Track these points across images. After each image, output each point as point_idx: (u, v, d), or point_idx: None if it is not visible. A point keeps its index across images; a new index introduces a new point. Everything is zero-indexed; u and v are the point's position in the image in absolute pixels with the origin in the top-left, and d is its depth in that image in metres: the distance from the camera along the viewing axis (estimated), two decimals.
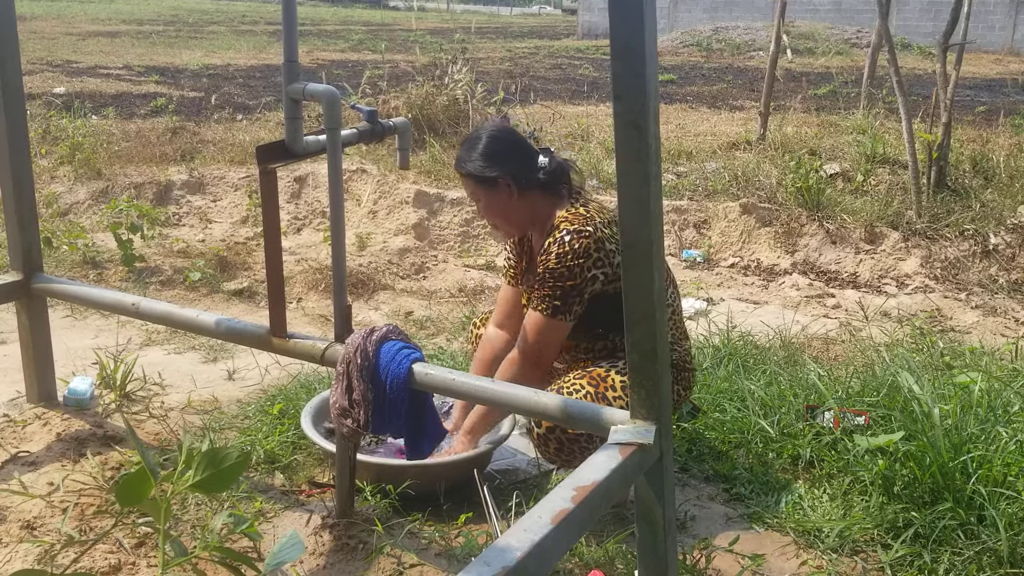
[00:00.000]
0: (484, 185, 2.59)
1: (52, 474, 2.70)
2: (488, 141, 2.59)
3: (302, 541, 1.57)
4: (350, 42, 19.03)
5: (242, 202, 6.14)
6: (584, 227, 2.48)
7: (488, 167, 2.56)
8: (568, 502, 1.63)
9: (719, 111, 9.62)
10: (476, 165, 2.57)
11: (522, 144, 2.66)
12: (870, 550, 2.42)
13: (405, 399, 2.26)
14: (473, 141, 2.62)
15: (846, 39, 18.54)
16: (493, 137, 2.60)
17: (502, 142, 2.60)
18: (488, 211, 2.65)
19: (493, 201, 2.61)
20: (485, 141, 2.59)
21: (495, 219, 2.68)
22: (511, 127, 2.78)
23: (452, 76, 7.30)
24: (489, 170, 2.56)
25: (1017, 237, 5.27)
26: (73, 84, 10.30)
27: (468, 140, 2.65)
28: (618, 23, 1.57)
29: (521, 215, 2.64)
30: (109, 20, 23.54)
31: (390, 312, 4.51)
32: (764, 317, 4.42)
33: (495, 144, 2.59)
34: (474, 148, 2.59)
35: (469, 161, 2.59)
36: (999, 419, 2.68)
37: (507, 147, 2.60)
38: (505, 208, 2.62)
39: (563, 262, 2.46)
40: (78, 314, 4.23)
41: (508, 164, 2.57)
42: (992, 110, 8.86)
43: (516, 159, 2.59)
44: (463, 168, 2.61)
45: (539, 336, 2.52)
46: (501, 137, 2.62)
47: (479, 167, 2.57)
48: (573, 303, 2.48)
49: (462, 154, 2.62)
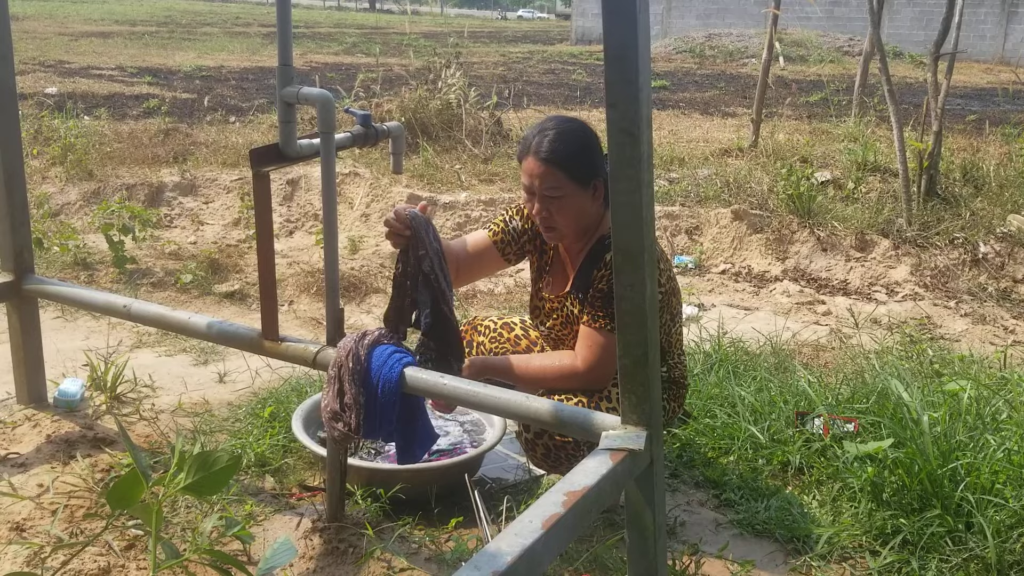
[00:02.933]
0: (577, 182, 2.41)
1: (42, 476, 2.70)
2: (586, 137, 2.40)
3: (294, 545, 1.57)
4: (344, 45, 19.04)
5: (234, 204, 6.13)
6: None
7: (588, 165, 2.40)
8: (559, 507, 1.63)
9: (711, 117, 9.65)
10: (576, 159, 2.38)
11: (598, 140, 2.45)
12: (859, 557, 2.43)
13: (397, 403, 2.26)
14: (564, 134, 2.39)
15: (838, 47, 18.65)
16: (589, 134, 2.41)
17: (597, 141, 2.40)
18: (562, 209, 2.43)
19: (575, 201, 2.42)
20: (583, 136, 2.40)
21: (565, 219, 2.45)
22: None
23: (445, 80, 7.32)
24: (589, 168, 2.40)
25: (1006, 246, 5.30)
26: (65, 84, 10.28)
27: (551, 130, 2.40)
28: (612, 31, 1.58)
29: (591, 222, 2.49)
30: (102, 21, 23.49)
31: (382, 315, 4.50)
32: (755, 323, 4.44)
33: (594, 142, 2.41)
34: (568, 141, 2.37)
35: (567, 155, 2.37)
36: (987, 427, 2.69)
37: (600, 150, 2.42)
38: (581, 211, 2.45)
39: None
40: (69, 315, 4.22)
41: (604, 167, 2.37)
42: (983, 119, 8.91)
43: (605, 164, 2.36)
44: (558, 158, 2.37)
45: (605, 354, 2.39)
46: (595, 137, 2.42)
47: (580, 163, 2.39)
48: None
49: (552, 145, 2.37)
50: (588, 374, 2.44)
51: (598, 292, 2.43)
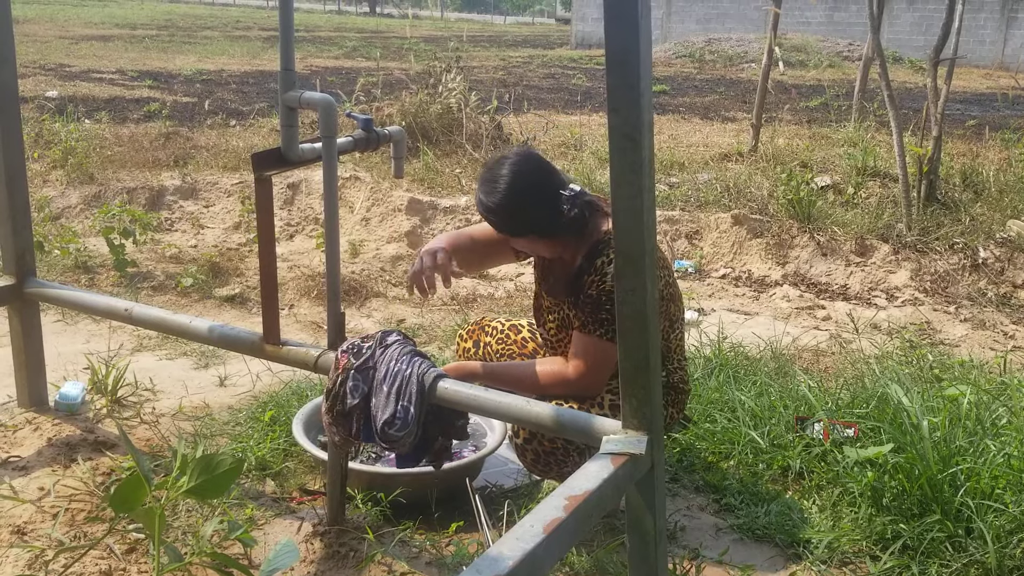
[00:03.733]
0: (514, 235, 2.49)
1: (43, 479, 2.70)
2: (507, 191, 2.37)
3: (297, 548, 1.57)
4: (344, 49, 19.06)
5: (235, 208, 6.13)
6: None
7: (510, 224, 2.44)
8: (560, 511, 1.64)
9: (711, 122, 9.67)
10: (499, 216, 2.42)
11: (546, 187, 2.42)
12: (859, 562, 2.43)
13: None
14: (492, 183, 2.40)
15: (838, 52, 18.68)
16: (513, 186, 2.38)
17: (523, 193, 2.39)
18: (525, 247, 2.57)
19: (518, 242, 2.54)
20: (504, 191, 2.37)
21: (534, 251, 2.58)
22: (535, 158, 2.49)
23: (446, 84, 7.32)
24: (510, 226, 2.45)
25: (1006, 251, 5.31)
26: (66, 88, 10.29)
27: (488, 178, 2.42)
28: (614, 36, 1.59)
29: (551, 250, 2.52)
30: (102, 24, 23.51)
31: (382, 319, 4.51)
32: (755, 328, 4.44)
33: (516, 197, 2.38)
34: (493, 192, 2.39)
35: (490, 212, 2.42)
36: (987, 432, 2.69)
37: (529, 198, 2.39)
38: (532, 247, 2.54)
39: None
40: (69, 319, 4.22)
41: (530, 219, 2.41)
42: (982, 124, 8.93)
43: (540, 210, 2.39)
44: (488, 213, 2.44)
45: (595, 361, 2.40)
46: (522, 185, 2.39)
47: (501, 221, 2.44)
48: None
49: (482, 197, 2.42)
50: (579, 381, 2.43)
51: (588, 298, 2.41)
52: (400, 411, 2.17)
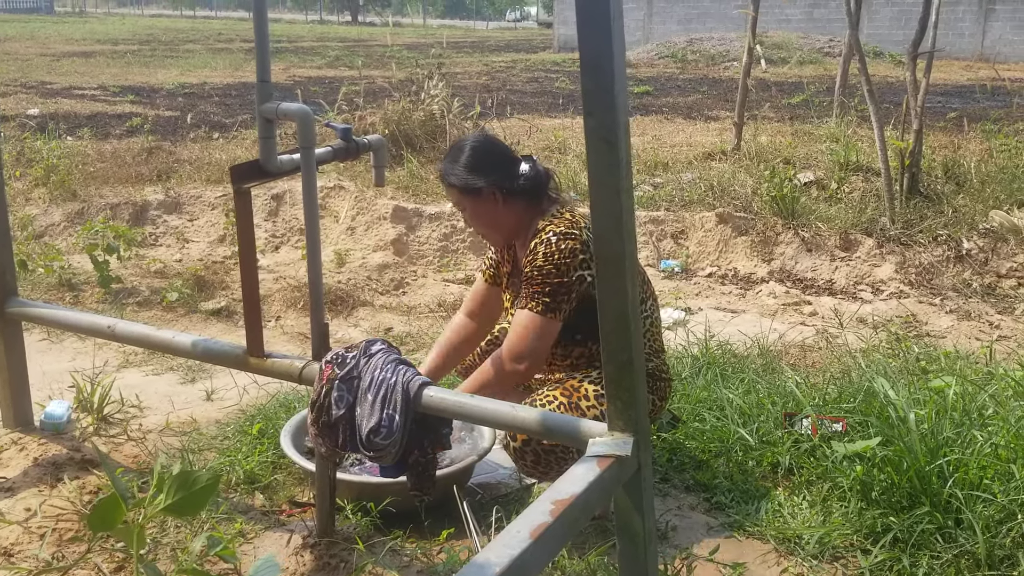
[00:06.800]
0: (469, 195, 2.62)
1: (29, 499, 2.68)
2: (471, 151, 2.62)
3: (277, 563, 1.56)
4: (326, 58, 19.03)
5: (219, 221, 6.11)
6: (570, 230, 2.52)
7: (473, 177, 2.60)
8: (547, 516, 1.64)
9: (694, 122, 9.69)
10: (460, 176, 2.61)
11: (504, 152, 2.69)
12: (850, 556, 2.44)
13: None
14: (456, 152, 2.65)
15: (818, 48, 18.75)
16: (476, 147, 2.64)
17: (485, 152, 2.64)
18: (475, 219, 2.69)
19: (479, 210, 2.64)
20: (468, 152, 2.62)
21: (482, 227, 2.72)
22: (492, 136, 2.80)
23: (429, 91, 7.31)
24: (473, 180, 2.60)
25: (989, 241, 5.34)
26: (47, 105, 10.25)
27: (451, 151, 2.68)
28: (587, 40, 1.59)
29: (507, 222, 2.66)
30: (83, 40, 23.43)
31: (370, 328, 4.50)
32: (742, 326, 4.45)
33: (478, 154, 2.62)
34: (457, 159, 2.62)
35: (453, 173, 2.62)
36: (974, 422, 2.70)
37: (490, 156, 2.64)
38: (491, 216, 2.65)
39: (550, 260, 2.48)
40: (55, 337, 4.20)
41: (492, 173, 2.60)
42: (963, 116, 8.97)
43: (499, 167, 2.62)
44: (448, 179, 2.64)
45: (528, 334, 2.50)
46: (483, 147, 2.66)
47: (463, 178, 2.60)
48: (562, 301, 2.48)
49: (446, 166, 2.65)
50: (515, 363, 2.52)
51: (525, 276, 2.53)
52: (385, 419, 2.17)
